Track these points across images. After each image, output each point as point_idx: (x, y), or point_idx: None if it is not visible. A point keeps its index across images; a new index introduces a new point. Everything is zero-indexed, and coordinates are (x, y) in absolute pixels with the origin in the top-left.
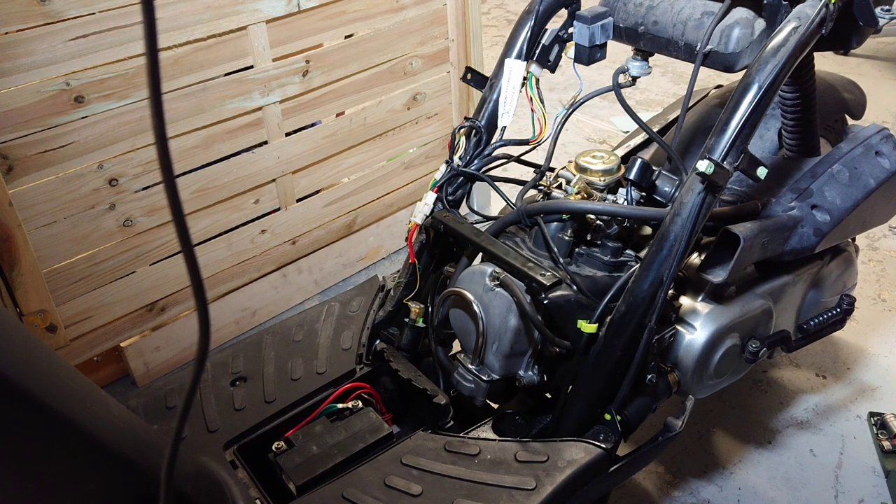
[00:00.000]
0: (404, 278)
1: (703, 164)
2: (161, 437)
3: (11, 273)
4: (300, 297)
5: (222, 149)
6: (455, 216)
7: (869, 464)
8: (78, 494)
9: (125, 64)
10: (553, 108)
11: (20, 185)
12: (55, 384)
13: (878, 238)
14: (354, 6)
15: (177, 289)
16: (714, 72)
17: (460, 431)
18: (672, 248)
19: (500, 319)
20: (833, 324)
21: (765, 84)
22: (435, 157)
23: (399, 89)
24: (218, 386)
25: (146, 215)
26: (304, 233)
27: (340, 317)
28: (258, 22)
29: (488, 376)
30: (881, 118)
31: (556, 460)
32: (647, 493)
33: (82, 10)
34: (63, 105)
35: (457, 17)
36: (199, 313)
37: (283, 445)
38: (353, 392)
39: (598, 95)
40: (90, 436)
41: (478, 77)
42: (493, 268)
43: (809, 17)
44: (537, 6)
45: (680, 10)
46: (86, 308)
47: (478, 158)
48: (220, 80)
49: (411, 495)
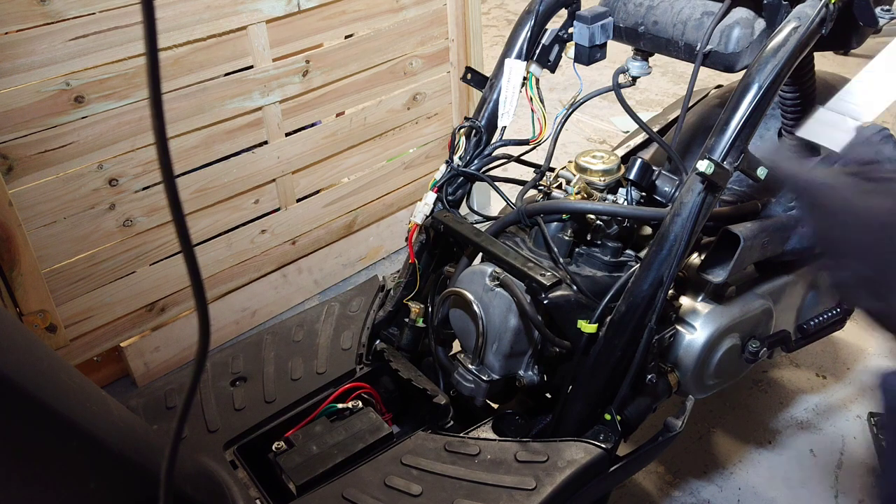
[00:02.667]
0: (404, 278)
1: (703, 164)
2: (161, 437)
3: (11, 273)
4: (300, 297)
5: (222, 149)
6: (455, 216)
7: (869, 464)
8: (78, 494)
9: (125, 64)
10: (553, 108)
11: (20, 185)
12: (55, 384)
13: None
14: (354, 6)
15: (177, 289)
16: (714, 72)
17: (460, 431)
18: (672, 248)
19: (500, 319)
20: (833, 324)
21: (765, 84)
22: (435, 157)
23: (399, 89)
24: (218, 386)
25: (146, 215)
26: (304, 233)
27: (340, 317)
28: (258, 22)
29: (488, 376)
30: (881, 118)
31: (556, 460)
32: (647, 493)
33: (82, 10)
34: (63, 105)
35: (457, 17)
36: (199, 313)
37: (283, 445)
38: (353, 392)
39: (598, 95)
40: (90, 436)
41: (478, 77)
42: (493, 268)
43: (809, 17)
44: (537, 6)
45: (680, 10)
46: (86, 308)
47: (478, 158)
48: (220, 80)
49: (411, 495)
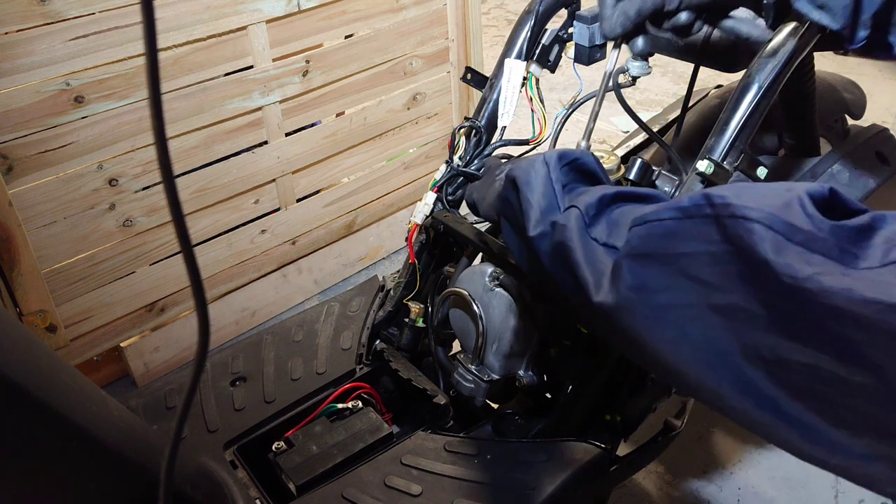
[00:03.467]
0: (404, 278)
1: (703, 164)
2: (161, 437)
3: (11, 273)
4: (300, 297)
5: (222, 149)
6: (455, 216)
7: None
8: (78, 495)
9: (125, 64)
10: (553, 108)
11: (20, 185)
12: (55, 384)
13: None
14: (354, 6)
15: (177, 289)
16: (714, 72)
17: (460, 431)
18: None
19: (500, 319)
20: None
21: (765, 84)
22: (435, 157)
23: (399, 89)
24: (218, 386)
25: (146, 215)
26: (304, 233)
27: (340, 317)
28: (258, 22)
29: (488, 376)
30: (881, 118)
31: (556, 460)
32: (647, 493)
33: (82, 10)
34: (63, 105)
35: (457, 17)
36: (199, 313)
37: (283, 445)
38: (353, 392)
39: (597, 96)
40: (90, 436)
41: (478, 77)
42: (493, 268)
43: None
44: (537, 6)
45: None
46: (86, 308)
47: (478, 158)
48: (220, 80)
49: (411, 495)
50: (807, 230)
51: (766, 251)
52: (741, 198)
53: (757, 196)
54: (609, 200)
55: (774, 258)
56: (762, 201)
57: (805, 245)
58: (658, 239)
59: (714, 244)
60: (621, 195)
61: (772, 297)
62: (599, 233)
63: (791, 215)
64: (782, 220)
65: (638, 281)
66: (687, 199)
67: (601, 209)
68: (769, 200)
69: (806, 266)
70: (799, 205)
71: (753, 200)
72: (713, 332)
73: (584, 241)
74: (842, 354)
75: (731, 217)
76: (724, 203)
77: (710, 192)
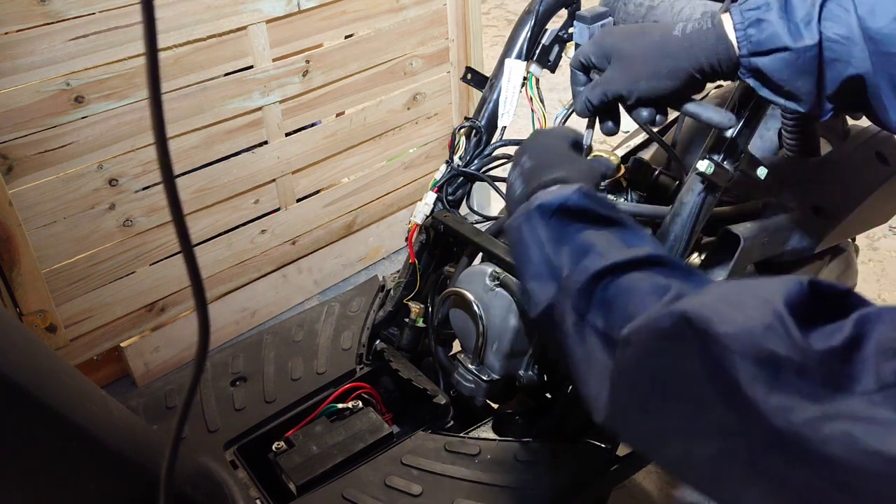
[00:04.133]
0: (404, 278)
1: (703, 164)
2: (161, 437)
3: (11, 273)
4: (300, 297)
5: (222, 149)
6: (455, 216)
7: None
8: (78, 495)
9: (125, 64)
10: (553, 108)
11: (20, 185)
12: (55, 384)
13: (878, 238)
14: (354, 6)
15: (177, 289)
16: None
17: (460, 431)
18: (672, 248)
19: (500, 319)
20: None
21: None
22: (435, 157)
23: (399, 89)
24: (218, 386)
25: (146, 215)
26: (304, 233)
27: (340, 317)
28: (258, 22)
29: (488, 376)
30: None
31: (557, 460)
32: (647, 493)
33: (82, 10)
34: (63, 105)
35: (457, 17)
36: (199, 313)
37: (283, 445)
38: (353, 392)
39: None
40: (90, 436)
41: (478, 77)
42: (493, 268)
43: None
44: (537, 6)
45: (680, 10)
46: (86, 308)
47: (478, 158)
48: (220, 80)
49: (411, 495)
50: (795, 361)
51: (756, 394)
52: (721, 316)
53: (734, 313)
54: (600, 274)
55: (764, 400)
56: (742, 322)
57: (793, 384)
58: (645, 360)
59: (698, 375)
60: (613, 267)
61: (764, 437)
62: (596, 318)
63: (774, 341)
64: (767, 352)
65: (633, 401)
66: (668, 317)
67: (592, 289)
68: (749, 321)
69: (798, 412)
70: (780, 325)
71: (731, 322)
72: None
73: (581, 337)
74: (842, 488)
75: (714, 343)
76: (704, 330)
77: (689, 313)
